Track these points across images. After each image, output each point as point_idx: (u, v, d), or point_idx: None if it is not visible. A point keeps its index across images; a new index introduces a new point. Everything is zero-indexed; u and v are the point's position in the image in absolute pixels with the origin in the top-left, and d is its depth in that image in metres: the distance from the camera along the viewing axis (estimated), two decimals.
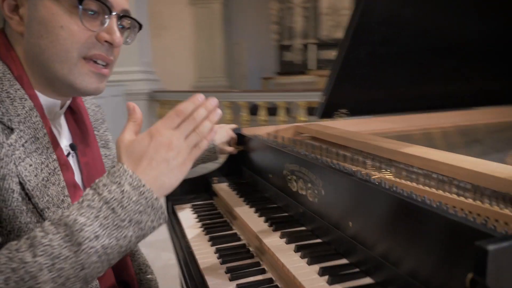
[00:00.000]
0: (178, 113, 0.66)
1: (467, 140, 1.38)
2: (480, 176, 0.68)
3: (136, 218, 0.60)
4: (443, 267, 0.52)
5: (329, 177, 0.79)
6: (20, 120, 0.71)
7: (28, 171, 0.70)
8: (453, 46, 1.49)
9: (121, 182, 0.60)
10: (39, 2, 0.72)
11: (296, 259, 0.75)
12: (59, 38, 0.72)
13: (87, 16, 0.73)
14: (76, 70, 0.75)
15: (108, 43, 0.76)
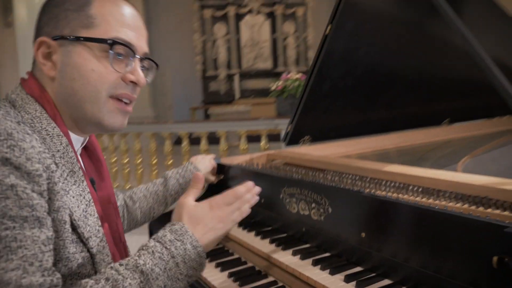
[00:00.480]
0: (235, 195, 0.83)
1: (414, 158, 1.60)
2: (459, 185, 0.85)
3: (190, 273, 0.73)
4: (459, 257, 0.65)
5: (335, 195, 0.90)
6: (60, 155, 0.76)
7: (72, 203, 0.74)
8: (394, 79, 1.73)
9: (184, 241, 0.73)
10: (72, 49, 0.78)
11: (318, 271, 0.84)
12: (90, 80, 0.78)
13: (115, 60, 0.79)
14: (105, 109, 0.80)
15: (133, 83, 0.82)
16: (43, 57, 0.78)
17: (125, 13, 0.81)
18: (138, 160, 4.53)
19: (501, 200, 0.79)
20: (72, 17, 0.78)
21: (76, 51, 0.77)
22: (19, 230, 0.62)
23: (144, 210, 1.22)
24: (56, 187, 0.69)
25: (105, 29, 0.78)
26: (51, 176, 0.69)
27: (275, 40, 11.31)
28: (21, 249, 0.61)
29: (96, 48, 0.78)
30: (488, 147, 1.72)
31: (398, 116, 1.86)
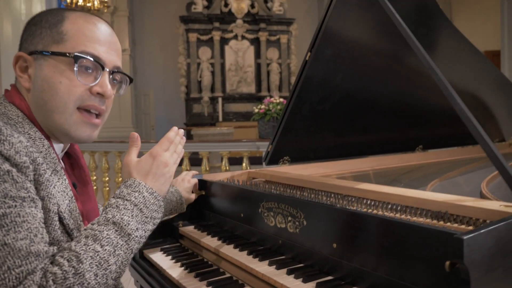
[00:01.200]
0: (168, 140, 0.95)
1: (388, 180, 1.69)
2: (423, 202, 0.93)
3: (153, 215, 0.85)
4: (417, 264, 0.72)
5: (310, 209, 0.97)
6: (43, 155, 0.82)
7: (58, 197, 0.81)
8: (369, 105, 1.83)
9: (140, 191, 0.85)
10: (43, 63, 0.85)
11: (291, 280, 0.89)
12: (58, 92, 0.84)
13: (82, 73, 0.86)
14: (71, 120, 0.86)
15: (100, 95, 0.88)
16: (20, 71, 0.86)
17: (95, 29, 0.88)
18: (119, 178, 4.51)
19: (459, 215, 0.86)
20: (46, 34, 0.85)
21: (47, 64, 0.84)
22: (21, 208, 0.69)
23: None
24: (42, 178, 0.76)
25: (73, 44, 0.85)
26: (37, 168, 0.75)
27: (259, 65, 11.56)
28: (25, 223, 0.69)
29: (64, 62, 0.84)
30: (456, 173, 1.82)
31: (374, 141, 1.96)
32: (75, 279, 0.68)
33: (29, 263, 0.67)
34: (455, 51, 2.11)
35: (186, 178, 1.43)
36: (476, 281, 0.62)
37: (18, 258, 0.66)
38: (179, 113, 11.77)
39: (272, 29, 11.48)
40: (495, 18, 9.83)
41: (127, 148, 3.89)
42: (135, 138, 0.94)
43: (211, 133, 6.09)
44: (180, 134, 0.98)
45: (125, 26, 10.77)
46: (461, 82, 2.25)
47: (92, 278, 0.70)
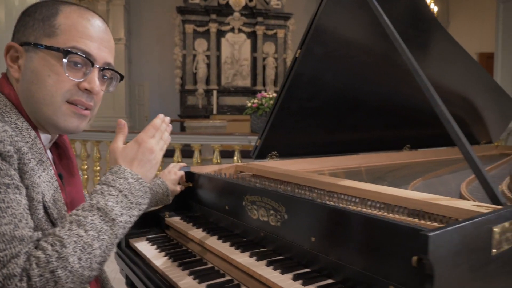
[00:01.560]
0: (154, 127, 0.94)
1: (373, 177, 1.72)
2: (399, 199, 0.96)
3: (140, 201, 0.85)
4: (389, 258, 0.75)
5: (291, 203, 0.99)
6: (29, 146, 0.83)
7: (43, 186, 0.82)
8: (358, 103, 1.86)
9: (126, 177, 0.84)
10: (34, 55, 0.85)
11: (270, 271, 0.92)
12: (46, 85, 0.85)
13: (71, 68, 0.87)
14: (59, 112, 0.87)
15: (87, 91, 0.89)
16: (11, 60, 0.87)
17: (88, 25, 0.88)
18: None
19: (433, 213, 0.90)
20: (38, 26, 0.86)
21: (37, 57, 0.85)
22: (5, 194, 0.71)
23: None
24: (26, 167, 0.77)
25: (65, 38, 0.86)
26: (22, 158, 0.77)
27: (255, 59, 11.54)
28: (9, 208, 0.71)
29: (53, 56, 0.85)
30: (440, 172, 1.86)
31: (362, 139, 1.99)
32: (58, 262, 0.70)
33: (13, 247, 0.69)
34: (446, 54, 2.14)
35: (173, 170, 1.45)
36: (440, 276, 0.65)
37: (2, 242, 0.68)
38: (174, 104, 11.74)
39: (270, 23, 11.46)
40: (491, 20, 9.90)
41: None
42: (122, 125, 0.94)
43: (203, 126, 6.10)
44: (166, 121, 0.98)
45: (121, 15, 10.69)
46: (451, 85, 2.29)
47: (75, 262, 0.71)
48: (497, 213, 0.78)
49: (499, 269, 0.79)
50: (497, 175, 1.90)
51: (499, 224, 0.78)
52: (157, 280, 1.06)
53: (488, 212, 0.78)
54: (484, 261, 0.75)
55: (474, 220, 0.71)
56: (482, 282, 0.76)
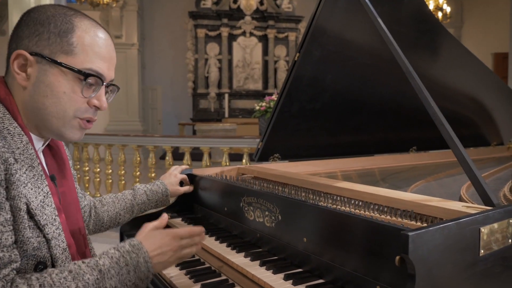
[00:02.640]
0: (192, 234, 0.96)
1: (374, 180, 1.72)
2: (392, 200, 0.97)
3: (137, 283, 0.85)
4: (375, 259, 0.76)
5: (285, 204, 1.01)
6: (20, 152, 0.84)
7: (30, 194, 0.83)
8: (360, 105, 1.87)
9: (139, 254, 0.86)
10: (48, 69, 0.87)
11: (263, 271, 0.94)
12: (61, 101, 0.88)
13: (86, 88, 0.90)
14: (69, 125, 0.90)
15: (96, 107, 0.93)
16: (18, 68, 0.87)
17: (102, 45, 0.91)
18: (122, 171, 4.59)
19: (424, 214, 0.90)
20: (54, 40, 0.87)
21: (52, 72, 0.87)
22: None
23: (111, 214, 1.31)
24: (13, 178, 0.79)
25: (82, 59, 0.87)
26: (9, 168, 0.79)
27: (267, 62, 11.58)
28: None
29: (71, 75, 0.87)
30: (444, 174, 1.85)
31: (366, 141, 1.99)
32: None
33: None
34: (453, 57, 2.13)
35: (173, 173, 1.48)
36: (422, 275, 0.66)
37: None
38: (186, 108, 11.85)
39: (281, 26, 11.49)
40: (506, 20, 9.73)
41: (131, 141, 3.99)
42: (163, 218, 1.00)
43: (214, 129, 6.14)
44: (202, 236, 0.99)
45: (134, 20, 10.84)
46: (460, 86, 2.27)
47: None
48: (485, 214, 0.78)
49: (489, 270, 0.80)
50: (503, 177, 1.88)
51: (487, 225, 0.78)
52: (154, 279, 1.09)
53: (475, 213, 0.78)
54: (471, 261, 0.76)
55: (458, 221, 0.72)
56: (470, 283, 0.76)
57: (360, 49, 1.66)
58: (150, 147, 4.38)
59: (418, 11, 1.80)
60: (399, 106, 1.99)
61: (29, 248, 0.81)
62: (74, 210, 1.02)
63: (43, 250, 0.83)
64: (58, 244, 0.86)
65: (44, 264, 0.83)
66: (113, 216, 1.31)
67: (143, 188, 1.39)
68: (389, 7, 1.53)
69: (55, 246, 0.85)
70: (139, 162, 4.52)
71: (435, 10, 8.39)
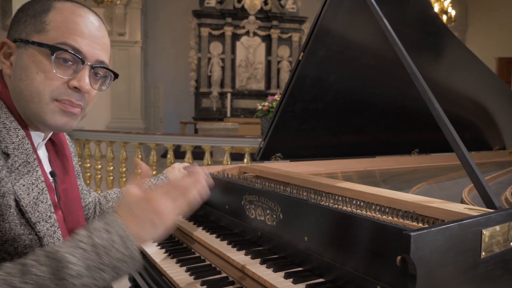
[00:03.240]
0: (179, 188, 0.79)
1: (376, 181, 1.72)
2: (393, 201, 0.97)
3: (116, 265, 0.69)
4: (376, 259, 0.76)
5: (286, 203, 1.01)
6: (14, 147, 0.82)
7: (22, 190, 0.81)
8: (363, 106, 1.87)
9: (112, 231, 0.70)
10: (23, 51, 0.85)
11: (263, 269, 0.94)
12: (34, 82, 0.83)
13: (60, 65, 0.84)
14: (48, 109, 0.85)
15: (77, 89, 0.86)
16: (4, 57, 0.86)
17: (80, 21, 0.85)
18: (123, 168, 4.60)
19: (426, 215, 0.90)
20: (29, 22, 0.85)
21: (27, 53, 0.84)
22: None
23: (116, 210, 1.31)
24: (0, 174, 0.77)
25: (54, 35, 0.83)
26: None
27: (270, 62, 11.58)
28: None
29: (42, 53, 0.83)
30: (446, 177, 1.85)
31: (369, 142, 1.99)
32: None
33: None
34: (458, 59, 2.13)
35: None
36: (423, 276, 0.66)
37: None
38: (188, 107, 11.86)
39: (285, 26, 11.48)
40: (511, 25, 9.72)
41: (132, 138, 4.00)
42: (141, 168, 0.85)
43: (215, 128, 6.14)
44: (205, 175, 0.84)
45: (138, 18, 10.86)
46: (463, 89, 2.27)
47: None
48: (487, 217, 0.78)
49: (490, 273, 0.79)
50: (505, 181, 1.88)
51: (489, 227, 0.78)
52: (155, 276, 1.09)
53: (477, 215, 0.78)
54: (472, 263, 0.75)
55: (460, 222, 0.72)
56: (471, 285, 0.76)
57: (364, 50, 1.66)
58: (152, 145, 4.38)
59: (423, 13, 1.80)
60: (402, 108, 1.99)
61: (20, 245, 0.79)
62: (76, 207, 1.00)
63: (35, 248, 0.81)
64: (53, 242, 0.84)
65: None
66: None
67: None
68: (394, 8, 1.52)
69: (48, 244, 0.83)
70: (141, 159, 4.52)
71: (440, 13, 8.38)
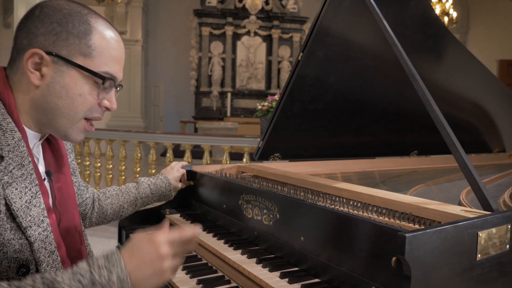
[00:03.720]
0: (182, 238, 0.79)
1: (375, 181, 1.72)
2: (390, 202, 0.96)
3: None
4: (371, 259, 0.76)
5: (283, 203, 1.01)
6: (9, 149, 0.82)
7: (14, 194, 0.81)
8: (362, 107, 1.87)
9: (112, 271, 0.69)
10: (65, 70, 0.85)
11: (259, 268, 0.94)
12: (75, 102, 0.87)
13: (100, 89, 0.89)
14: (75, 127, 0.90)
15: (106, 108, 0.93)
16: (33, 66, 0.84)
17: (118, 48, 0.91)
18: (122, 166, 4.60)
19: (422, 217, 0.90)
20: (73, 41, 0.85)
21: (70, 73, 0.85)
22: None
23: (114, 207, 1.30)
24: None
25: (100, 62, 0.87)
26: None
27: (270, 62, 11.57)
28: None
29: (88, 77, 0.87)
30: (444, 179, 1.85)
31: (368, 143, 1.99)
32: None
33: None
34: (458, 61, 2.12)
35: (176, 167, 1.48)
36: (417, 277, 0.66)
37: None
38: (188, 106, 11.85)
39: (285, 27, 11.47)
40: None
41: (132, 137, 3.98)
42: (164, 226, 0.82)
43: (215, 127, 6.14)
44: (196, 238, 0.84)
45: (139, 17, 10.85)
46: (463, 91, 2.27)
47: None
48: (483, 219, 0.78)
49: (485, 275, 0.79)
50: (504, 184, 1.87)
51: (485, 230, 0.78)
52: None
53: (473, 217, 0.78)
54: (468, 265, 0.75)
55: (456, 224, 0.72)
56: (466, 287, 0.76)
57: (364, 51, 1.66)
58: (151, 144, 4.38)
59: (424, 14, 1.80)
60: (402, 109, 1.99)
61: (10, 250, 0.78)
62: (71, 206, 1.00)
63: (25, 252, 0.81)
64: (44, 246, 0.84)
65: (26, 267, 0.81)
66: (116, 208, 1.30)
67: (147, 182, 1.38)
68: (394, 9, 1.52)
69: (39, 249, 0.82)
70: (140, 158, 4.52)
71: (441, 15, 8.36)
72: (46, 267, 0.83)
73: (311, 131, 1.77)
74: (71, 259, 0.96)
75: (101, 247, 3.56)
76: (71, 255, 0.97)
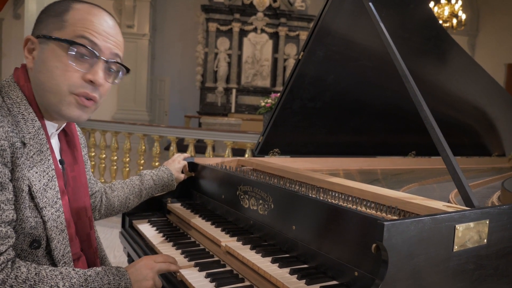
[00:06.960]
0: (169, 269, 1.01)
1: (370, 179, 1.77)
2: (378, 196, 1.02)
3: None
4: (356, 247, 0.82)
5: (278, 194, 1.07)
6: (31, 137, 0.90)
7: (34, 177, 0.90)
8: (361, 106, 1.92)
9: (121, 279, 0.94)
10: (45, 47, 0.93)
11: (253, 254, 1.00)
12: (53, 74, 0.92)
13: (77, 59, 0.92)
14: (65, 101, 0.93)
15: (91, 82, 0.94)
16: (28, 52, 0.95)
17: (96, 20, 0.94)
18: (127, 158, 4.68)
19: (407, 211, 0.96)
20: (51, 21, 0.93)
21: (48, 48, 0.92)
22: None
23: (121, 199, 1.37)
24: (18, 161, 0.85)
25: (72, 30, 0.91)
26: (15, 152, 0.85)
27: (276, 59, 11.60)
28: None
29: (61, 47, 0.91)
30: (439, 179, 1.90)
31: (366, 142, 2.04)
32: None
33: None
34: (457, 64, 2.17)
35: (177, 159, 1.55)
36: (395, 263, 0.72)
37: None
38: (193, 101, 11.93)
39: (292, 24, 11.50)
40: None
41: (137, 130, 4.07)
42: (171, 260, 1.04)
43: (219, 123, 6.21)
44: None
45: (147, 11, 10.91)
46: (462, 94, 2.31)
47: None
48: (461, 213, 0.84)
49: (462, 266, 0.85)
50: (498, 186, 1.92)
51: (462, 223, 0.84)
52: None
53: (451, 211, 0.84)
54: (444, 255, 0.81)
55: (434, 216, 0.78)
56: (443, 276, 0.82)
57: (363, 51, 1.72)
58: (156, 137, 4.45)
59: (424, 18, 1.85)
60: (400, 110, 2.04)
61: (27, 226, 0.87)
62: (83, 194, 1.08)
63: (39, 229, 0.89)
64: (56, 225, 0.92)
65: (38, 242, 0.89)
66: (123, 200, 1.36)
67: (149, 174, 1.44)
68: (394, 12, 1.57)
69: (51, 227, 0.91)
70: (144, 150, 4.60)
71: (450, 17, 8.35)
72: (56, 243, 0.92)
73: (310, 128, 1.83)
74: (81, 242, 1.07)
75: (104, 236, 3.64)
76: (81, 239, 1.06)
